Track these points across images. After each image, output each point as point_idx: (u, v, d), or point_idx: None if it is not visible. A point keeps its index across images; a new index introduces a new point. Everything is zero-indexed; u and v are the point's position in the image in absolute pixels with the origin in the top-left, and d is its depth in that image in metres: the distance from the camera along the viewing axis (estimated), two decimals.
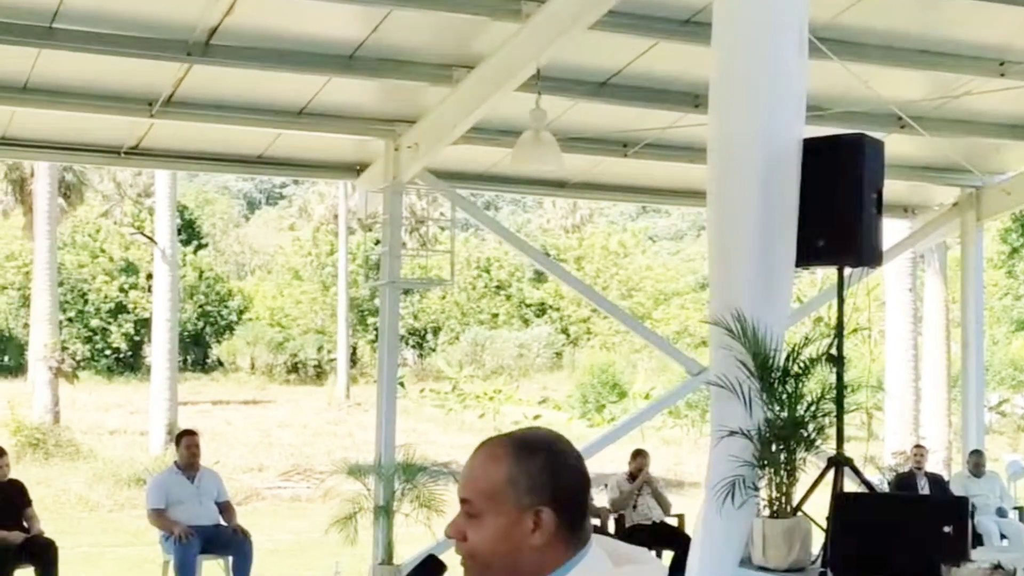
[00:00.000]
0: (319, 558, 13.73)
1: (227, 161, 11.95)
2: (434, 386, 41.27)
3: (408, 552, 11.01)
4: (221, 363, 48.40)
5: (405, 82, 10.06)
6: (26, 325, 37.48)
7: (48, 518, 10.99)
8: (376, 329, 21.11)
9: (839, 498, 7.73)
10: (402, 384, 34.24)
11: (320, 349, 46.95)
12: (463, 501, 2.34)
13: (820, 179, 7.38)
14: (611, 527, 11.79)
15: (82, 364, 39.97)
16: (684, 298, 46.90)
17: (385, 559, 10.55)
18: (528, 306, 49.20)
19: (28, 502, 10.35)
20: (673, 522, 12.07)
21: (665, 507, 12.05)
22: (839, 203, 7.53)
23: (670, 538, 11.53)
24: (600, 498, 12.14)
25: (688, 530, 10.57)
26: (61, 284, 36.54)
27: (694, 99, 10.13)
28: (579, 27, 8.45)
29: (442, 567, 2.43)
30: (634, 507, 11.83)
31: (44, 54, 8.94)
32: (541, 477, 2.28)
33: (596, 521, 11.77)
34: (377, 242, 13.64)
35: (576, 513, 2.31)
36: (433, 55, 9.67)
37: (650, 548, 11.51)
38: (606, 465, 15.57)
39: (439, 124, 10.31)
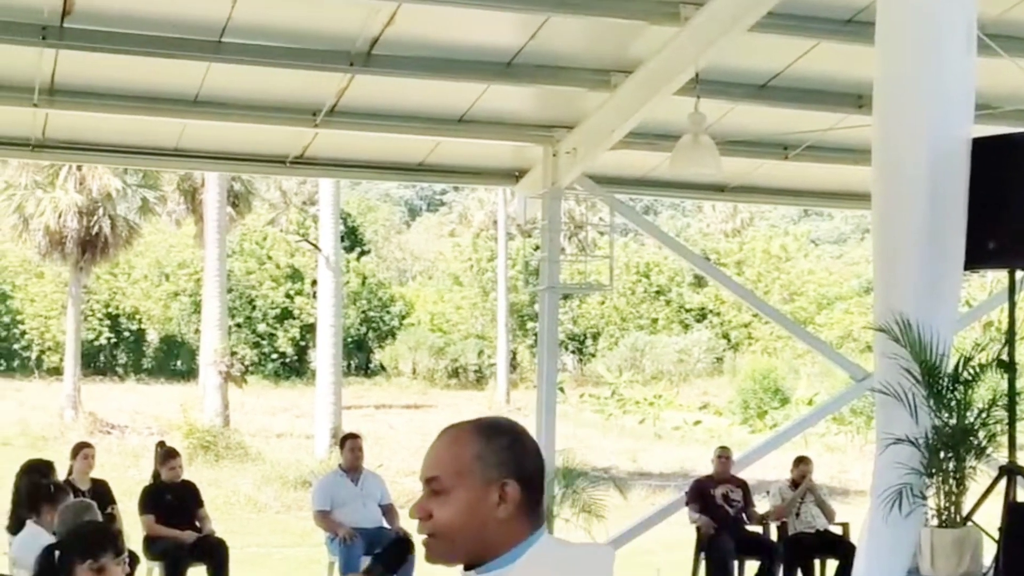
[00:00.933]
0: None
1: (388, 169, 12.14)
2: (594, 391, 41.24)
3: None
4: (384, 368, 49.12)
5: (563, 88, 10.09)
6: (197, 331, 38.61)
7: (218, 519, 11.28)
8: (535, 334, 21.17)
9: (1013, 508, 7.49)
10: (562, 389, 34.31)
11: (480, 354, 47.31)
12: (429, 480, 2.45)
13: (990, 179, 7.17)
14: (773, 534, 11.61)
15: (250, 369, 40.96)
16: (848, 302, 45.98)
17: None
18: (688, 311, 48.81)
19: (200, 503, 10.66)
20: (838, 531, 11.83)
21: (829, 515, 11.81)
22: (1010, 204, 7.30)
23: (835, 547, 11.32)
24: (762, 505, 11.97)
25: (853, 539, 10.36)
26: (230, 291, 37.55)
27: (857, 100, 9.94)
28: (738, 29, 8.37)
29: (410, 546, 2.68)
30: (797, 515, 11.61)
31: (213, 68, 9.20)
32: (507, 453, 2.43)
33: (759, 528, 11.62)
34: (536, 247, 13.67)
35: (536, 492, 2.46)
36: (591, 60, 9.68)
37: (814, 557, 11.33)
38: (768, 472, 15.37)
39: (597, 129, 10.30)
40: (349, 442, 11.00)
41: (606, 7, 8.74)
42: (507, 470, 2.41)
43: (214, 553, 10.20)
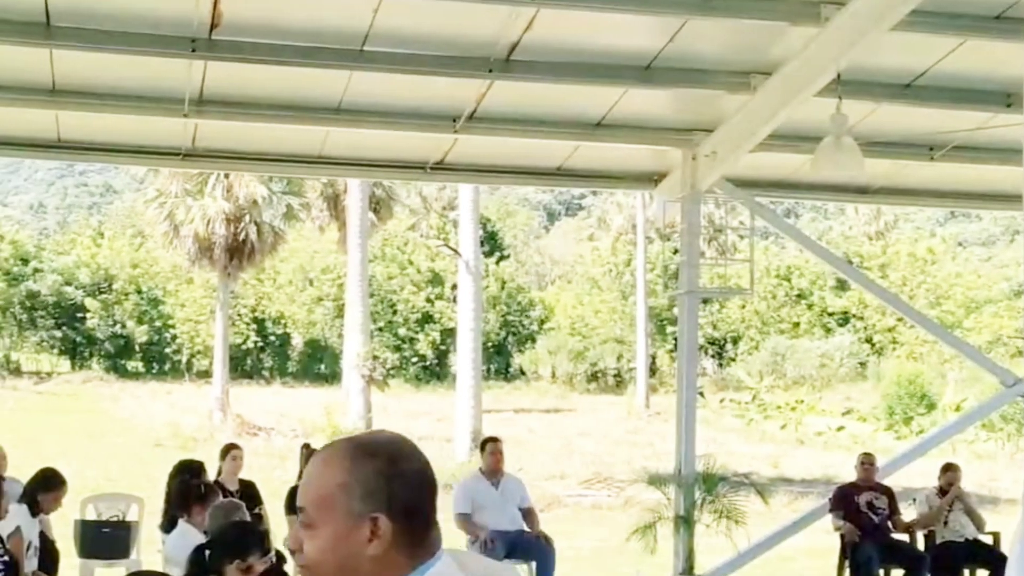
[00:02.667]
0: (620, 566, 13.79)
1: (527, 173, 12.19)
2: (734, 396, 40.84)
3: (709, 563, 10.94)
4: (523, 372, 49.31)
5: (702, 91, 10.02)
6: (340, 335, 39.21)
7: None
8: (675, 338, 21.05)
9: None
10: (702, 394, 34.02)
11: (619, 358, 47.20)
12: (299, 510, 2.20)
13: None
14: (920, 543, 11.37)
15: (392, 372, 41.46)
16: (997, 306, 44.78)
17: (686, 569, 10.51)
18: (830, 315, 48.04)
19: None
20: (988, 540, 11.54)
21: (979, 524, 11.52)
22: None
23: (985, 557, 11.05)
24: (908, 513, 11.73)
25: (1004, 549, 10.09)
26: (372, 295, 38.09)
27: (1006, 98, 9.69)
28: (881, 28, 8.22)
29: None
30: (945, 523, 11.36)
31: (355, 76, 9.35)
32: (377, 483, 2.15)
33: (904, 536, 11.39)
34: (675, 251, 13.59)
35: (417, 522, 2.18)
36: (730, 62, 9.60)
37: (963, 567, 11.07)
38: (914, 479, 15.05)
39: (737, 132, 10.22)
40: (489, 446, 11.06)
41: (746, 9, 8.66)
42: (377, 502, 2.13)
43: None
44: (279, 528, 10.47)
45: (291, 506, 10.52)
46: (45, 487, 8.92)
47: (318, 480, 2.20)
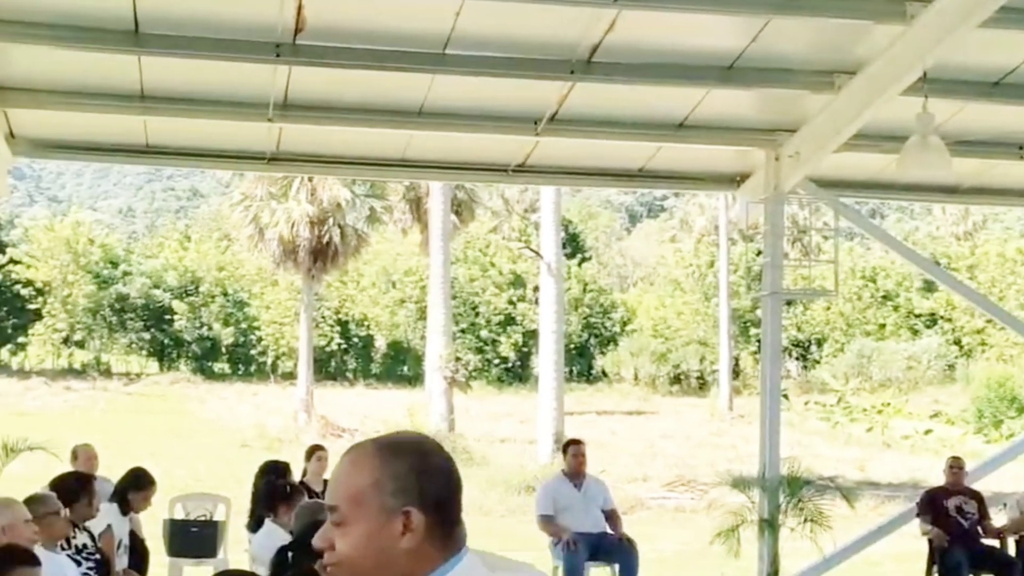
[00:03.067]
0: (703, 569, 13.73)
1: (609, 175, 12.17)
2: (819, 399, 40.42)
3: (794, 567, 10.85)
4: (605, 374, 49.22)
5: (785, 91, 9.95)
6: (423, 337, 39.41)
7: None
8: (758, 340, 20.89)
9: None
10: (786, 396, 33.73)
11: (702, 360, 46.95)
12: (330, 509, 2.25)
13: None
14: (1011, 548, 11.18)
15: (474, 374, 41.60)
16: None
17: (771, 573, 10.43)
18: (917, 316, 47.38)
19: None
20: None
21: None
22: None
23: None
24: (999, 518, 11.54)
25: None
26: (454, 297, 38.24)
27: None
28: (968, 25, 8.10)
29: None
30: None
31: (437, 79, 9.40)
32: (408, 479, 2.21)
33: (994, 542, 11.20)
34: (759, 252, 13.52)
35: (447, 516, 2.24)
36: (814, 62, 9.52)
37: None
38: (1005, 483, 14.78)
39: (821, 132, 10.12)
40: (572, 448, 11.05)
41: (830, 8, 8.58)
42: (409, 497, 2.19)
43: None
44: None
45: None
46: (135, 486, 9.07)
47: (349, 479, 2.24)
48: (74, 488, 7.57)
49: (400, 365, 49.44)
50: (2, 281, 45.57)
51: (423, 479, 2.23)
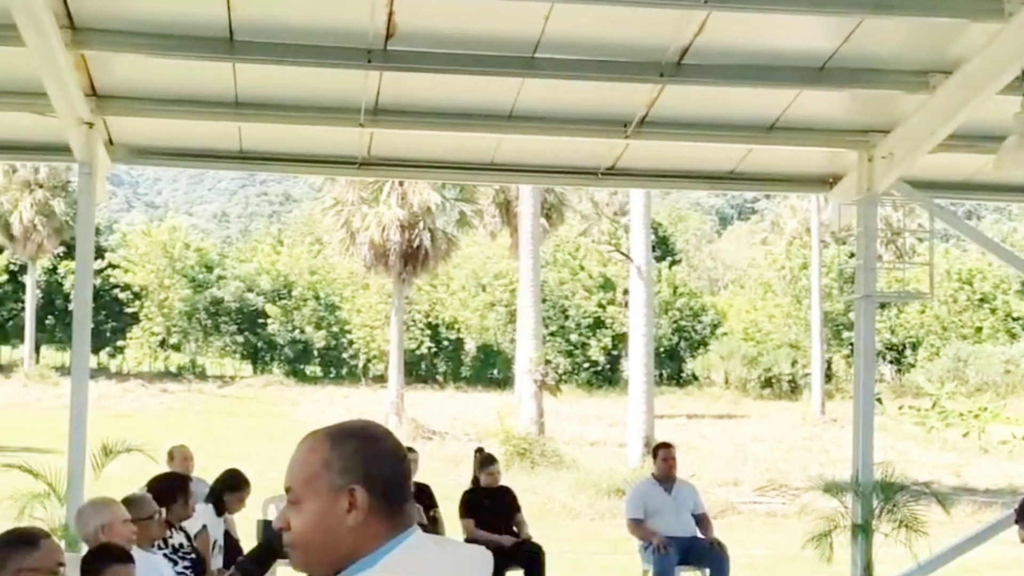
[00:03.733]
0: (795, 575, 13.60)
1: (699, 178, 12.09)
2: (913, 403, 39.86)
3: (888, 573, 10.71)
4: (696, 377, 48.97)
5: (878, 91, 9.82)
6: (512, 340, 39.52)
7: (534, 524, 11.52)
8: (851, 343, 20.65)
9: None
10: (879, 400, 33.29)
11: (794, 364, 46.52)
12: (286, 491, 2.41)
13: None
14: None
15: (564, 377, 41.64)
16: None
17: None
18: (1015, 319, 46.54)
19: (517, 508, 10.92)
20: None
21: None
22: None
23: None
24: None
25: None
26: (544, 300, 38.32)
27: None
28: None
29: (276, 554, 2.59)
30: None
31: (527, 83, 9.42)
32: (354, 459, 2.37)
33: None
34: (851, 255, 13.36)
35: (392, 496, 2.39)
36: (908, 62, 9.38)
37: None
38: None
39: (915, 132, 9.98)
40: (662, 451, 11.02)
41: (925, 6, 8.46)
42: (354, 476, 2.35)
43: (531, 558, 10.44)
44: (454, 531, 10.62)
45: (465, 509, 10.68)
46: (230, 487, 9.20)
47: (302, 462, 2.42)
48: (171, 489, 7.71)
49: (490, 368, 49.61)
50: (101, 285, 46.49)
51: (368, 460, 2.39)
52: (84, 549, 6.31)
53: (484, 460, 11.15)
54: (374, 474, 2.38)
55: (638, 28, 8.78)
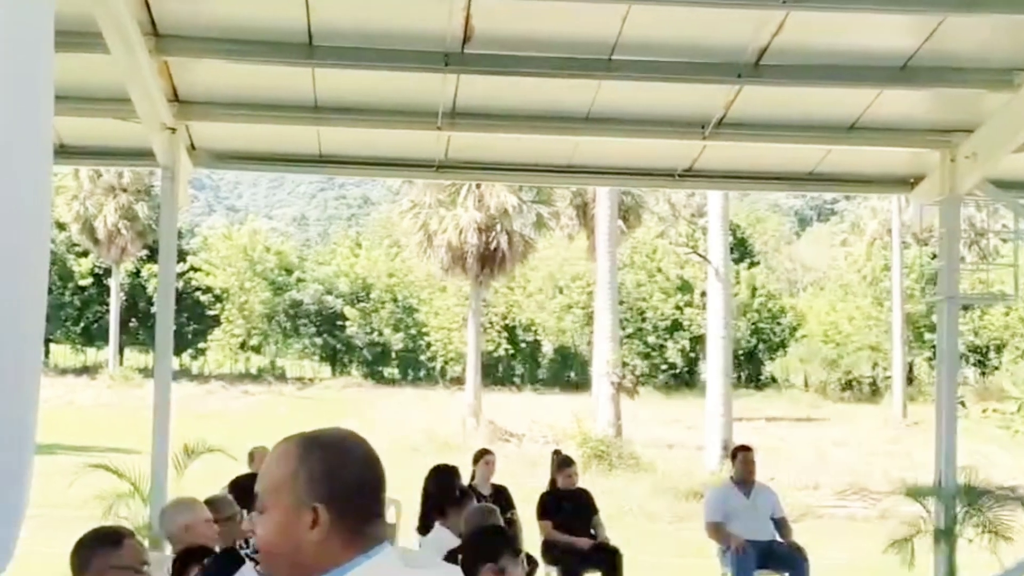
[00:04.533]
0: None
1: (778, 179, 12.00)
2: (997, 406, 39.17)
3: None
4: (775, 380, 48.59)
5: (961, 90, 9.68)
6: (589, 342, 39.48)
7: (611, 527, 11.50)
8: (933, 346, 20.38)
9: None
10: (963, 403, 32.79)
11: (875, 366, 46.03)
12: (255, 497, 2.38)
13: None
14: None
15: (641, 379, 41.52)
16: None
17: None
18: None
19: (595, 510, 10.91)
20: None
21: None
22: None
23: None
24: None
25: None
26: (621, 303, 38.24)
27: None
28: None
29: (239, 559, 2.53)
30: None
31: (604, 85, 9.41)
32: (320, 474, 2.31)
33: None
34: (933, 256, 13.19)
35: (359, 514, 2.33)
36: (992, 60, 9.24)
37: None
38: None
39: (999, 131, 9.82)
40: (741, 455, 10.96)
41: (1009, 3, 8.32)
42: (317, 492, 2.30)
43: (609, 561, 10.42)
44: (532, 533, 10.63)
45: (543, 511, 10.69)
46: None
47: (271, 470, 2.38)
48: (252, 490, 7.79)
49: (567, 370, 49.59)
50: (183, 288, 47.14)
51: (335, 475, 2.33)
52: (168, 548, 6.41)
53: (562, 462, 11.15)
54: (340, 490, 2.33)
55: (716, 29, 8.74)
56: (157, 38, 8.47)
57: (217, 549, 6.01)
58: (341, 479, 2.34)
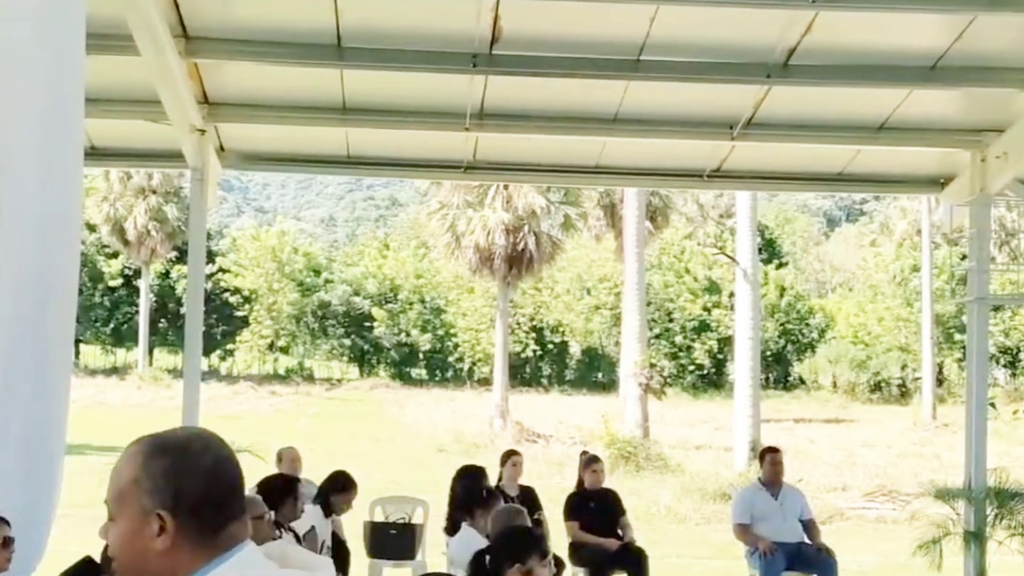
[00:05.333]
0: None
1: (806, 179, 11.96)
2: None
3: None
4: (803, 381, 48.41)
5: (992, 89, 9.63)
6: (617, 343, 39.45)
7: (639, 528, 11.48)
8: (963, 347, 20.27)
9: None
10: (993, 405, 32.56)
11: (904, 367, 45.78)
12: (105, 503, 2.28)
13: None
14: None
15: (668, 380, 41.44)
16: None
17: None
18: None
19: (622, 511, 10.89)
20: None
21: None
22: None
23: None
24: None
25: None
26: (649, 303, 38.19)
27: None
28: None
29: (97, 570, 2.41)
30: None
31: (632, 86, 9.40)
32: (165, 480, 2.20)
33: None
34: (963, 257, 13.10)
35: (209, 518, 2.22)
36: (1022, 59, 9.19)
37: None
38: None
39: None
40: (769, 456, 10.94)
41: None
42: (161, 499, 2.20)
43: (635, 562, 10.40)
44: (559, 534, 10.62)
45: (570, 512, 10.68)
46: (337, 489, 9.31)
47: (118, 475, 2.28)
48: (281, 490, 7.81)
49: (594, 371, 49.54)
50: (212, 289, 47.34)
51: (181, 480, 2.22)
52: None
53: (589, 459, 11.17)
54: (187, 496, 2.22)
55: (744, 29, 8.72)
56: (187, 40, 8.52)
57: None
58: (189, 482, 2.23)
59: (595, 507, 10.70)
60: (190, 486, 2.23)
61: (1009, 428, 34.47)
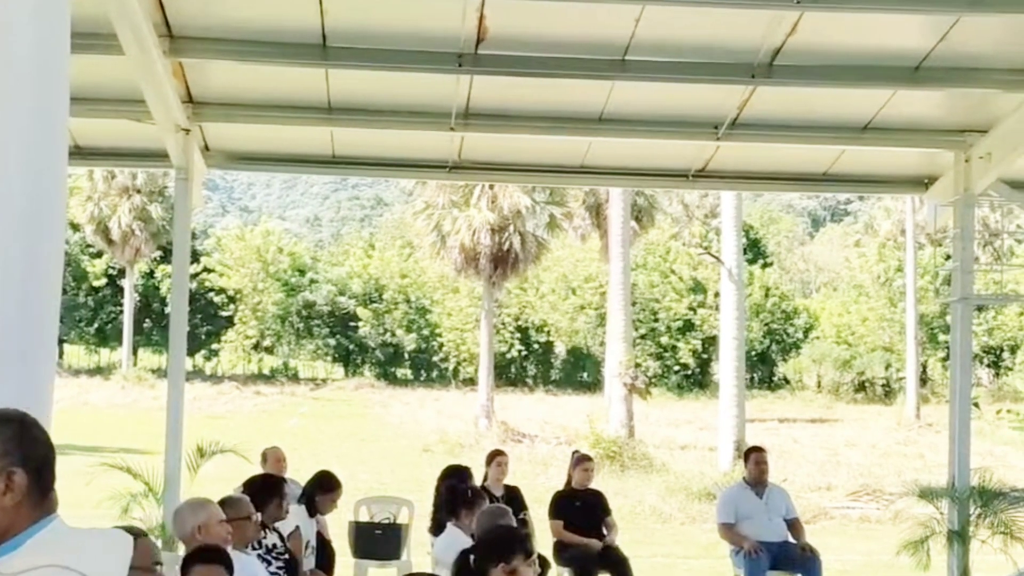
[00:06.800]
0: None
1: (791, 180, 11.99)
2: (1012, 407, 39.07)
3: None
4: (787, 381, 48.52)
5: (976, 90, 9.66)
6: (602, 343, 39.49)
7: (624, 528, 11.50)
8: (947, 347, 20.33)
9: None
10: (976, 404, 32.69)
11: (888, 367, 45.91)
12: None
13: None
14: None
15: (653, 380, 41.48)
16: None
17: None
18: None
19: (607, 511, 10.90)
20: None
21: None
22: None
23: None
24: None
25: None
26: (634, 303, 38.21)
27: None
28: None
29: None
30: None
31: (617, 86, 9.41)
32: (12, 443, 2.58)
33: None
34: (947, 257, 13.14)
35: (44, 481, 2.61)
36: (1006, 59, 9.21)
37: None
38: None
39: (1014, 132, 9.80)
40: (754, 455, 10.96)
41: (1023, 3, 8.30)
42: (13, 459, 2.56)
43: (618, 562, 10.41)
44: (544, 533, 10.63)
45: (555, 511, 10.69)
46: (322, 489, 9.30)
47: None
48: (266, 490, 7.79)
49: (579, 371, 49.57)
50: (196, 289, 47.21)
51: (25, 445, 2.60)
52: (181, 548, 6.42)
53: (580, 457, 11.21)
54: (31, 458, 2.59)
55: (729, 29, 8.72)
56: (171, 39, 8.49)
57: (230, 549, 6.01)
58: (32, 447, 2.61)
59: (580, 506, 10.71)
60: (35, 451, 2.62)
61: (992, 428, 34.60)
